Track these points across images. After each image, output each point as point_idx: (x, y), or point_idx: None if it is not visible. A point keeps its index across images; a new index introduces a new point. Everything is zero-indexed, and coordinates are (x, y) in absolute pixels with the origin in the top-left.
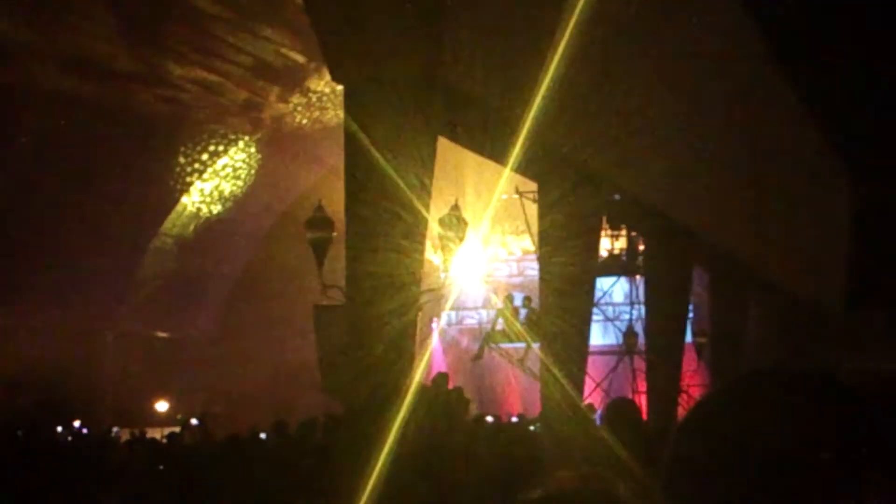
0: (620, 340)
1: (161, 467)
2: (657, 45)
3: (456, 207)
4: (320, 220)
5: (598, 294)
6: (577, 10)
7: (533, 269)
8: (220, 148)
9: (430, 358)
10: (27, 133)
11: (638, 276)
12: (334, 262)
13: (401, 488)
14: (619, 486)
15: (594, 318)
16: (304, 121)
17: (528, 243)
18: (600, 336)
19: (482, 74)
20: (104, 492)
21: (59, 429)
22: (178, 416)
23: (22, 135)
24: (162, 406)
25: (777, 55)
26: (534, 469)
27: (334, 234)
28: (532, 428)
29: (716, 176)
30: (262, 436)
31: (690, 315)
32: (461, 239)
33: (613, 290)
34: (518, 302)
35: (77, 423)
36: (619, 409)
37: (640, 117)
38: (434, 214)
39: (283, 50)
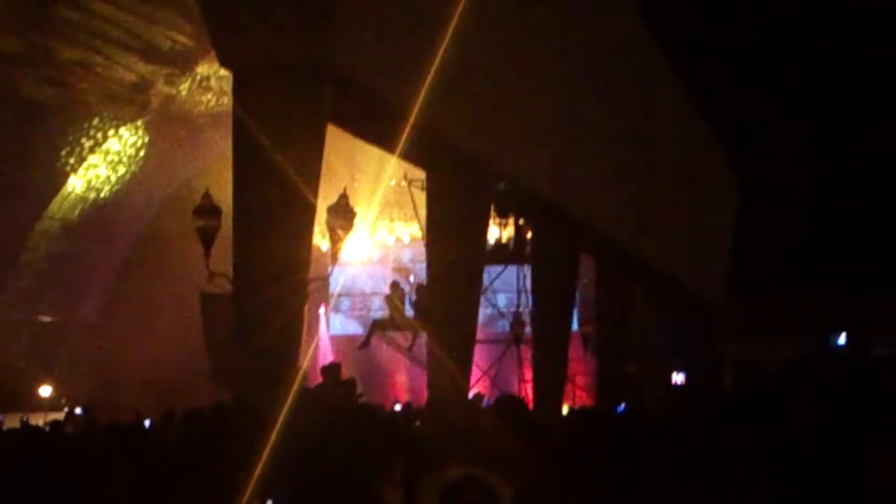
0: (507, 329)
1: (43, 458)
2: (542, 34)
3: (344, 196)
4: (207, 208)
5: (485, 282)
6: None
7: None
8: (108, 131)
9: (318, 345)
10: None
11: (525, 265)
12: (221, 250)
13: (286, 479)
14: (502, 483)
15: (481, 306)
16: (193, 105)
17: (416, 229)
18: (488, 324)
19: (371, 62)
20: None
21: None
22: (63, 401)
23: None
24: (45, 391)
25: (660, 43)
26: (421, 462)
27: (220, 221)
28: (417, 423)
29: (601, 163)
30: (147, 423)
31: (577, 304)
32: (349, 227)
33: (500, 278)
34: (410, 288)
35: None
36: (507, 402)
37: (526, 105)
38: (323, 202)
39: (173, 33)
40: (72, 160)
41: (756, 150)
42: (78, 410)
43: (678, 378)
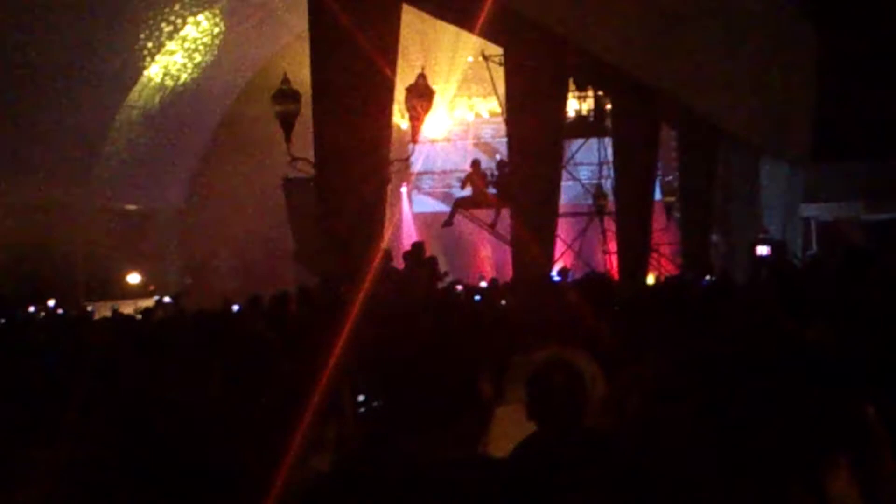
0: (590, 201)
1: (135, 346)
2: None
3: (422, 75)
4: (286, 93)
5: (566, 156)
6: None
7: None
8: (185, 18)
9: (400, 224)
10: None
11: (606, 137)
12: (303, 134)
13: (371, 355)
14: (587, 362)
15: (563, 179)
16: None
17: (495, 105)
18: (570, 197)
19: None
20: (80, 372)
21: (32, 308)
22: (151, 289)
23: None
24: (134, 279)
25: None
26: (506, 341)
27: (300, 106)
28: (503, 302)
29: (682, 34)
30: (235, 308)
31: (659, 174)
32: (428, 106)
33: (581, 151)
34: (492, 165)
35: (52, 303)
36: (592, 280)
37: None
38: (401, 83)
39: None
40: (150, 48)
41: (839, 16)
42: (167, 299)
43: (763, 250)
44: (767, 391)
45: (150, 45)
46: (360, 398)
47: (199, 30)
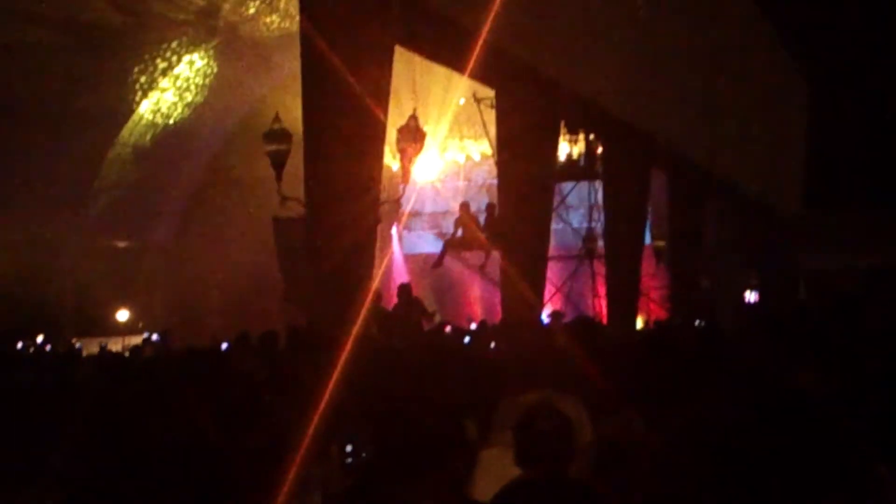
0: (580, 245)
1: (122, 383)
2: None
3: (414, 117)
4: (278, 133)
5: (556, 199)
6: None
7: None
8: (176, 56)
9: (390, 265)
10: None
11: (597, 181)
12: (293, 174)
13: (360, 399)
14: (576, 407)
15: (553, 222)
16: (261, 29)
17: (487, 147)
18: (560, 240)
19: None
20: (67, 410)
21: (20, 345)
22: (140, 325)
23: None
24: (123, 315)
25: None
26: (495, 385)
27: (291, 145)
28: (492, 345)
29: (672, 77)
30: (224, 346)
31: (649, 218)
32: (419, 147)
33: (572, 194)
34: (482, 207)
35: (40, 339)
36: (581, 324)
37: (595, 22)
38: (391, 125)
39: None
40: (142, 86)
41: (830, 60)
42: (155, 336)
43: (751, 297)
44: (772, 448)
45: (142, 82)
46: (348, 448)
47: (192, 68)
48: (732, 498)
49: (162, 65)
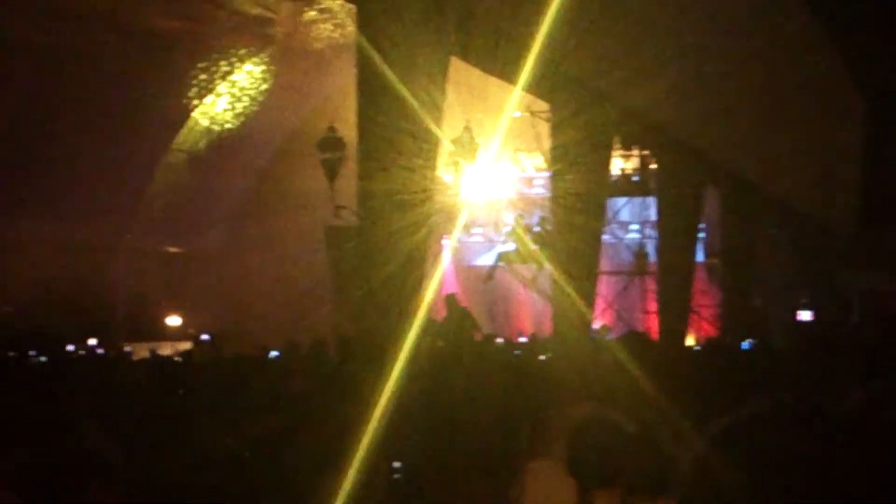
0: (632, 260)
1: (172, 388)
2: None
3: (468, 129)
4: (332, 141)
5: (609, 214)
6: None
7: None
8: (231, 64)
9: (442, 277)
10: (37, 47)
11: (650, 196)
12: (348, 182)
13: (408, 409)
14: (627, 422)
15: (605, 237)
16: (317, 38)
17: (540, 160)
18: (612, 256)
19: None
20: (117, 413)
21: (71, 347)
22: (190, 331)
23: (32, 48)
24: (174, 321)
25: None
26: (544, 396)
27: (345, 154)
28: (542, 357)
29: (728, 94)
30: (273, 354)
31: (702, 235)
32: (473, 159)
33: (625, 209)
34: (534, 220)
35: (92, 342)
36: (632, 338)
37: (652, 36)
38: (446, 135)
39: None
40: (197, 93)
41: (889, 77)
42: (205, 336)
43: (804, 316)
44: (816, 465)
45: (197, 88)
46: (396, 464)
47: (247, 76)
48: None
49: (217, 72)
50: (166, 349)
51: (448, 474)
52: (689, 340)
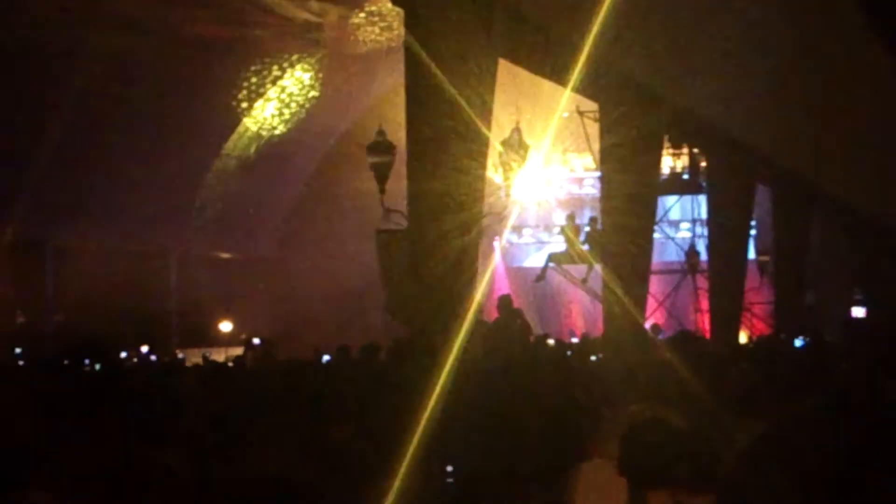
0: (683, 259)
1: (225, 395)
2: None
3: (517, 129)
4: (381, 145)
5: (660, 212)
6: None
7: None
8: (280, 69)
9: (493, 278)
10: (93, 57)
11: (700, 195)
12: (396, 185)
13: (461, 411)
14: (681, 420)
15: (656, 236)
16: (365, 42)
17: (589, 160)
18: (662, 254)
19: None
20: (171, 421)
21: (124, 354)
22: (242, 337)
23: (87, 58)
24: (226, 326)
25: None
26: (597, 396)
27: (394, 158)
28: (593, 358)
29: (778, 92)
30: (326, 358)
31: (753, 232)
32: (523, 160)
33: (675, 208)
34: (584, 220)
35: (145, 349)
36: (683, 338)
37: (699, 34)
38: (495, 136)
39: None
40: (247, 99)
41: None
42: (256, 340)
43: (858, 312)
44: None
45: (247, 94)
46: (449, 468)
47: (296, 81)
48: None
49: (267, 77)
50: (219, 355)
51: (500, 476)
52: (742, 338)
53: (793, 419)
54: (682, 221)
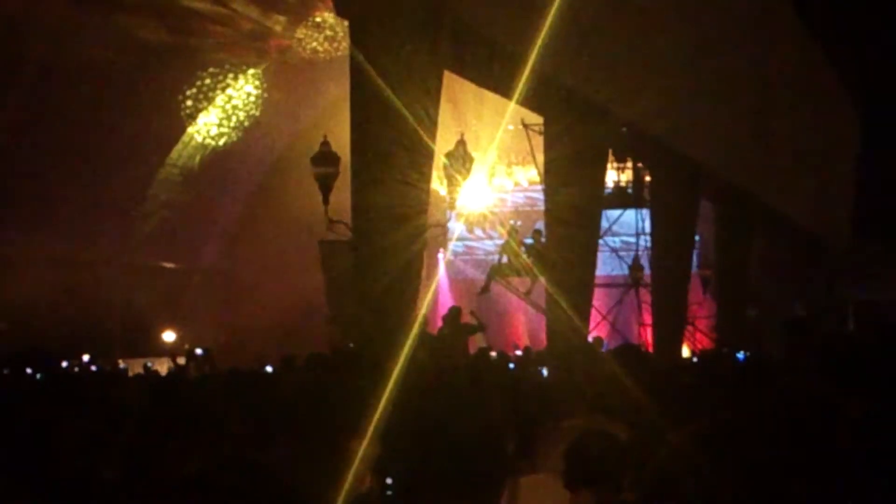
0: (626, 272)
1: (166, 405)
2: None
3: (462, 142)
4: (326, 156)
5: (603, 226)
6: None
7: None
8: (226, 79)
9: (437, 290)
10: (30, 63)
11: (644, 208)
12: (340, 196)
13: (405, 425)
14: (624, 432)
15: (600, 250)
16: (310, 52)
17: (534, 173)
18: (606, 268)
19: (488, 8)
20: (111, 431)
21: (65, 363)
22: (186, 347)
23: (25, 65)
24: (169, 336)
25: None
26: (540, 410)
27: (339, 169)
28: (541, 370)
29: (721, 107)
30: (269, 368)
31: (696, 246)
32: (467, 173)
33: (619, 221)
34: (528, 233)
35: (86, 358)
36: (626, 350)
37: (644, 49)
38: (440, 148)
39: None
40: (191, 108)
41: (881, 89)
42: (199, 351)
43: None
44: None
45: (192, 103)
46: (388, 481)
47: (242, 91)
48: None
49: (212, 87)
50: (162, 365)
51: (440, 489)
52: (685, 351)
53: (718, 424)
54: (626, 235)
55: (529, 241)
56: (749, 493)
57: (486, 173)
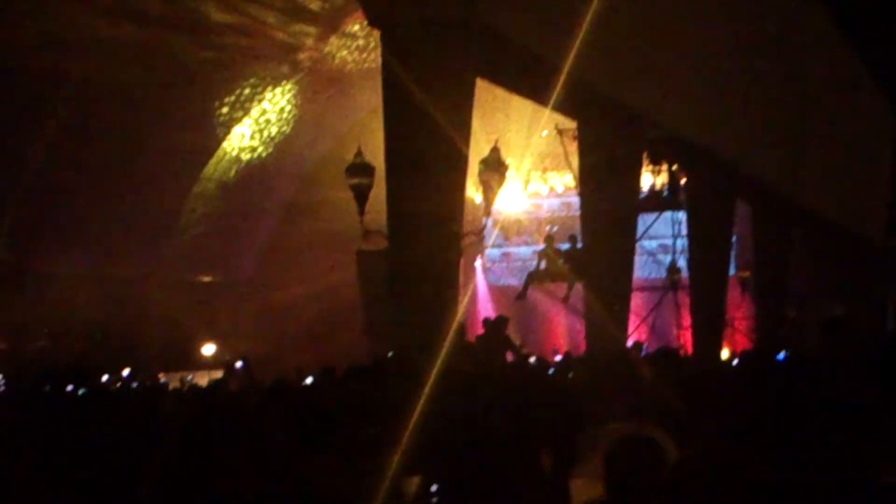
0: (664, 276)
1: (207, 418)
2: None
3: (496, 149)
4: (360, 166)
5: (640, 230)
6: None
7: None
8: (259, 92)
9: (474, 297)
10: (69, 81)
11: (680, 211)
12: (376, 207)
13: (445, 430)
14: (665, 438)
15: (637, 253)
16: (343, 63)
17: (570, 178)
18: (644, 272)
19: (521, 14)
20: (152, 445)
21: (105, 377)
22: (226, 359)
23: (63, 83)
24: (209, 349)
25: None
26: (580, 415)
27: (373, 179)
28: (570, 375)
29: (757, 108)
30: (309, 380)
31: (734, 248)
32: (502, 179)
33: (655, 225)
34: (564, 240)
35: (126, 372)
36: (664, 355)
37: (680, 52)
38: (475, 155)
39: None
40: (227, 121)
41: None
42: (238, 364)
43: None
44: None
45: (227, 117)
46: (433, 487)
47: (275, 104)
48: None
49: (246, 100)
50: (202, 378)
51: (486, 496)
52: (724, 354)
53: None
54: (662, 238)
55: (565, 246)
56: (791, 491)
57: (522, 179)
